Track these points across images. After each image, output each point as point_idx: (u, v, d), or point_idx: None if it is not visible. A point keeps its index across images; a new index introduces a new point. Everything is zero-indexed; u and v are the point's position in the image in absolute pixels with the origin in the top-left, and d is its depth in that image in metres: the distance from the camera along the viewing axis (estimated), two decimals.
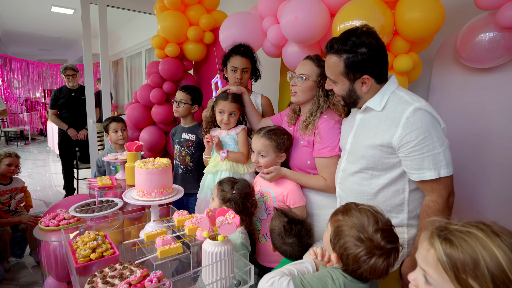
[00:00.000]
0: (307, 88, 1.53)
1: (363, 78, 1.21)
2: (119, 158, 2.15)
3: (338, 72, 1.24)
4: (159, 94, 2.82)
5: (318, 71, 1.52)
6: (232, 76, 1.96)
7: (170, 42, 2.75)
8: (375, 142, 1.20)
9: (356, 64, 1.18)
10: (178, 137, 2.31)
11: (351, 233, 0.89)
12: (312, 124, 1.51)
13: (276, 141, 1.55)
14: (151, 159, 1.54)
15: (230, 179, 1.49)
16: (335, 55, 1.22)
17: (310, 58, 1.56)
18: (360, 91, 1.25)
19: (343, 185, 1.36)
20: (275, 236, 1.25)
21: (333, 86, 1.31)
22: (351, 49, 1.18)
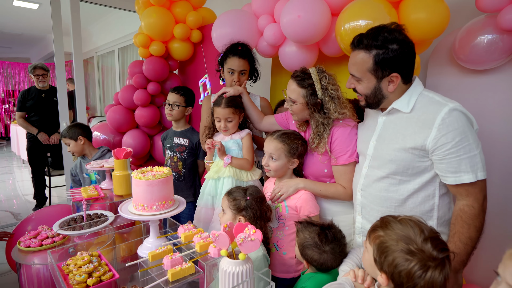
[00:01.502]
0: (299, 109, 1.45)
1: (392, 76, 1.15)
2: (104, 166, 1.97)
3: (366, 69, 1.17)
4: (143, 96, 2.65)
5: (302, 92, 1.42)
6: (229, 78, 1.86)
7: (155, 41, 2.59)
8: (406, 145, 1.15)
9: (386, 61, 1.13)
10: (170, 142, 2.16)
11: (399, 247, 0.82)
12: (322, 142, 1.43)
13: (290, 145, 1.46)
14: (148, 168, 1.40)
15: (239, 187, 1.39)
16: (364, 51, 1.16)
17: (293, 77, 1.46)
18: (386, 90, 1.20)
19: (366, 192, 1.30)
20: (310, 249, 1.16)
21: (355, 84, 1.24)
22: (382, 45, 1.12)
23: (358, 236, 1.36)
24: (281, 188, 1.47)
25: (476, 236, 1.09)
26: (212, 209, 1.68)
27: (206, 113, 1.99)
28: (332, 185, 1.46)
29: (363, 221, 1.33)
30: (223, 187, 1.63)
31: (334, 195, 1.45)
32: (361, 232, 1.35)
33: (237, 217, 1.32)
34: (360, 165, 1.37)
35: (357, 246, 1.37)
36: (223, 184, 1.64)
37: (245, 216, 1.30)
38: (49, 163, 3.87)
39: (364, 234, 1.33)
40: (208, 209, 1.68)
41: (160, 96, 2.77)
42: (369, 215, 1.29)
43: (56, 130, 3.74)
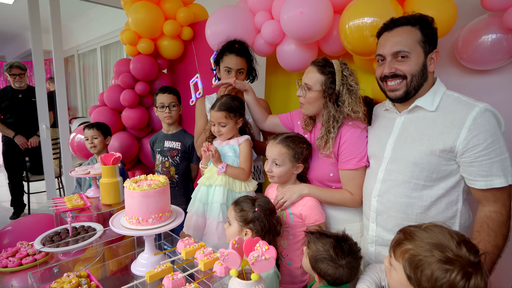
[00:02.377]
0: (312, 99, 1.37)
1: (434, 53, 1.13)
2: (91, 173, 1.82)
3: (415, 41, 1.11)
4: (131, 96, 2.49)
5: (322, 79, 1.34)
6: (225, 78, 1.75)
7: (143, 38, 2.44)
8: (434, 146, 1.09)
9: (431, 36, 1.11)
10: (160, 146, 2.03)
11: (435, 257, 0.73)
12: (329, 142, 1.35)
13: (294, 149, 1.37)
14: (142, 177, 1.28)
15: (247, 197, 1.28)
16: (408, 25, 1.13)
17: (314, 63, 1.39)
18: (428, 71, 1.14)
19: (383, 197, 1.22)
20: (324, 262, 1.06)
21: (400, 65, 1.13)
22: (425, 22, 1.11)
23: (370, 245, 1.29)
24: (284, 194, 1.38)
25: (503, 244, 1.04)
26: (204, 217, 1.56)
27: (200, 117, 1.87)
28: (338, 191, 1.38)
29: (378, 229, 1.25)
30: (214, 196, 1.52)
31: (340, 202, 1.37)
32: (374, 241, 1.27)
33: (243, 230, 1.21)
34: (373, 169, 1.29)
35: (370, 256, 1.30)
36: (214, 192, 1.52)
37: (252, 229, 1.20)
38: (27, 168, 3.63)
39: (379, 244, 1.26)
40: (198, 216, 1.57)
41: (148, 97, 2.63)
42: (386, 222, 1.22)
43: (34, 133, 3.51)
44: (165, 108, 1.98)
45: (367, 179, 1.33)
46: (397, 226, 1.18)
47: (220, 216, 1.48)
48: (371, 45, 1.55)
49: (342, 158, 1.36)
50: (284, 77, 2.45)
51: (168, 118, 2.00)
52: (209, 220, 1.53)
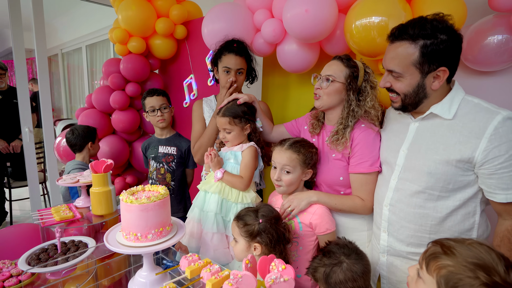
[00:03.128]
0: (334, 91, 1.31)
1: (439, 71, 1.02)
2: (80, 181, 1.69)
3: (409, 63, 1.03)
4: (122, 98, 2.37)
5: (347, 72, 1.31)
6: (224, 78, 1.65)
7: (134, 36, 2.32)
8: (450, 156, 1.02)
9: (435, 52, 1.00)
10: (154, 152, 1.92)
11: (479, 279, 0.66)
12: (345, 137, 1.29)
13: (305, 154, 1.30)
14: (139, 188, 1.17)
15: (248, 209, 1.19)
16: (408, 41, 1.02)
17: (339, 58, 1.34)
18: (429, 88, 1.06)
19: (395, 207, 1.16)
20: None
21: (393, 82, 1.10)
22: (431, 34, 0.99)
23: (382, 255, 1.22)
24: (292, 202, 1.30)
25: None
26: (199, 225, 1.46)
27: (197, 121, 1.77)
28: (348, 198, 1.31)
29: (389, 239, 1.19)
30: (209, 204, 1.42)
31: (351, 209, 1.31)
32: (386, 251, 1.21)
33: (251, 245, 1.12)
34: (385, 176, 1.23)
35: (381, 266, 1.23)
36: (209, 200, 1.43)
37: (260, 242, 1.11)
38: (9, 174, 3.43)
39: (391, 254, 1.19)
40: (195, 223, 1.47)
41: (139, 98, 2.50)
42: (399, 233, 1.15)
43: (16, 136, 3.32)
44: (157, 111, 1.87)
45: (379, 186, 1.26)
46: (410, 237, 1.12)
47: (214, 227, 1.39)
48: (379, 45, 1.49)
49: (354, 160, 1.29)
50: (282, 78, 2.37)
51: (162, 122, 1.89)
52: (203, 231, 1.44)
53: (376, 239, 1.26)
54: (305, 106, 2.31)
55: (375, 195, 1.28)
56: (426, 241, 1.10)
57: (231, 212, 1.41)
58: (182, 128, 2.77)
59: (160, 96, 1.90)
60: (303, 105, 2.33)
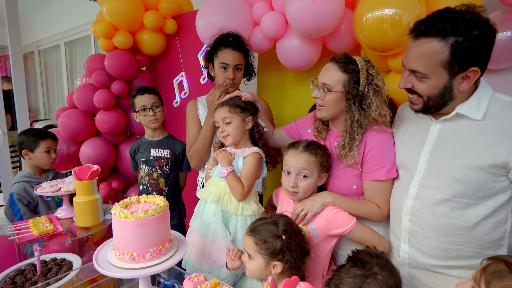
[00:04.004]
0: (333, 101, 1.18)
1: (470, 71, 0.91)
2: (61, 189, 1.52)
3: (437, 62, 0.91)
4: (107, 97, 2.18)
5: (345, 78, 1.15)
6: (221, 75, 1.51)
7: (120, 30, 2.14)
8: (482, 161, 0.93)
9: (467, 51, 0.88)
10: (145, 155, 1.76)
11: None
12: (353, 150, 1.17)
13: (322, 156, 1.18)
14: (134, 199, 1.02)
15: (264, 221, 1.05)
16: (437, 38, 0.90)
17: (335, 60, 1.19)
18: (456, 90, 0.95)
19: (417, 217, 1.06)
20: None
21: (415, 83, 0.98)
22: (464, 30, 0.87)
23: (402, 267, 1.12)
24: (304, 205, 1.18)
25: None
26: (202, 237, 1.31)
27: (192, 122, 1.62)
28: (364, 203, 1.21)
29: (411, 251, 1.09)
30: (208, 214, 1.29)
31: (366, 215, 1.20)
32: (407, 263, 1.11)
33: (271, 263, 1.00)
34: (403, 182, 1.13)
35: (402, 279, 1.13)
36: (208, 210, 1.29)
37: (282, 260, 0.98)
38: None
39: (413, 266, 1.10)
40: (197, 233, 1.32)
41: (126, 97, 2.32)
42: (422, 244, 1.05)
43: None
44: (148, 110, 1.71)
45: (396, 193, 1.16)
46: (435, 249, 1.03)
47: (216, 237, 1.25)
48: (390, 40, 1.40)
49: (368, 167, 1.19)
50: (279, 76, 2.26)
51: (154, 122, 1.73)
52: (208, 244, 1.29)
53: (395, 250, 1.16)
54: (303, 105, 2.21)
55: (392, 203, 1.18)
56: (453, 253, 1.01)
57: (230, 224, 1.28)
58: (172, 130, 2.59)
59: (152, 94, 1.75)
60: (301, 104, 2.22)
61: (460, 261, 1.01)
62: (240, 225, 1.27)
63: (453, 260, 1.01)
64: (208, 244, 1.28)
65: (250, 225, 1.06)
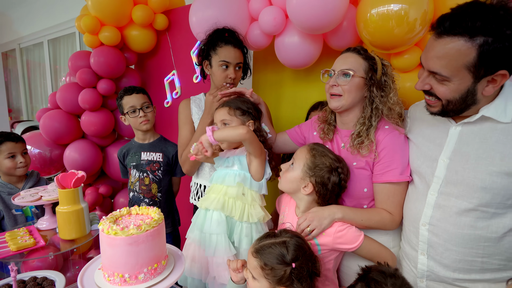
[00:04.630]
0: (355, 87, 1.12)
1: (497, 75, 0.84)
2: (43, 198, 1.39)
3: (462, 65, 0.83)
4: (93, 97, 2.05)
5: (366, 65, 1.12)
6: (221, 74, 1.41)
7: (107, 25, 2.01)
8: (510, 167, 0.86)
9: (496, 52, 0.79)
10: (135, 159, 1.64)
11: None
12: (370, 138, 1.11)
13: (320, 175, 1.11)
14: (124, 211, 0.91)
15: (271, 241, 0.93)
16: (463, 38, 0.81)
17: (354, 49, 1.16)
18: (480, 94, 0.88)
19: (438, 227, 0.98)
20: None
21: (435, 85, 0.91)
22: (496, 29, 0.78)
23: (420, 280, 1.05)
24: (311, 221, 1.08)
25: None
26: (199, 248, 1.20)
27: (185, 124, 1.50)
28: (375, 212, 1.13)
29: (430, 263, 1.01)
30: (211, 224, 1.17)
31: (378, 225, 1.12)
32: (425, 276, 1.03)
33: None
34: (419, 189, 1.05)
35: None
36: (211, 219, 1.17)
37: (288, 286, 0.88)
38: None
39: (432, 279, 1.02)
40: (196, 246, 1.22)
41: (113, 97, 2.19)
42: (443, 257, 0.98)
43: None
44: (138, 111, 1.59)
45: (411, 201, 1.08)
46: (458, 262, 0.96)
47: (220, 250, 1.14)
48: (396, 37, 1.33)
49: (381, 168, 1.11)
50: (275, 75, 2.18)
51: (145, 123, 1.61)
52: (209, 258, 1.18)
53: (410, 261, 1.08)
54: (300, 105, 2.13)
55: (407, 210, 1.10)
56: (478, 266, 0.94)
57: (234, 232, 1.18)
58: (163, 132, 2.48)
59: (141, 94, 1.63)
60: (298, 104, 2.15)
61: (485, 275, 0.94)
62: (245, 234, 1.17)
63: (477, 274, 0.94)
64: (209, 258, 1.17)
65: (255, 242, 0.96)
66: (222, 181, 1.20)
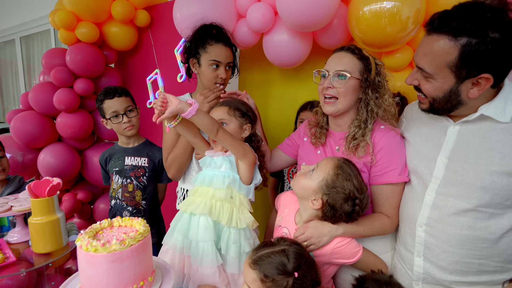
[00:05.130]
0: (351, 89, 1.08)
1: (480, 78, 0.83)
2: (13, 209, 1.26)
3: (444, 63, 0.83)
4: (69, 97, 1.92)
5: (361, 65, 1.07)
6: (211, 74, 1.33)
7: (85, 21, 1.89)
8: (510, 167, 0.84)
9: (479, 55, 0.79)
10: (118, 164, 1.53)
11: None
12: (365, 140, 1.07)
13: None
14: (104, 223, 0.83)
15: (269, 250, 0.86)
16: (447, 36, 0.81)
17: (348, 49, 1.10)
18: (465, 95, 0.87)
19: (435, 228, 0.95)
20: None
21: (422, 81, 0.91)
22: (479, 31, 0.77)
23: (416, 283, 1.02)
24: (310, 237, 1.01)
25: None
26: (182, 255, 1.12)
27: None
28: (375, 218, 1.08)
29: (426, 265, 0.99)
30: (198, 230, 1.08)
31: (380, 231, 1.08)
32: (422, 278, 1.00)
33: None
34: (416, 189, 1.02)
35: None
36: (197, 225, 1.08)
37: None
38: None
39: (428, 282, 0.99)
40: (176, 253, 1.13)
41: (92, 98, 2.07)
42: (439, 259, 0.95)
43: None
44: (122, 116, 1.48)
45: (408, 201, 1.06)
46: (455, 264, 0.93)
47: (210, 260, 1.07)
48: (389, 35, 1.31)
49: (379, 169, 1.07)
50: (262, 74, 2.12)
51: (130, 128, 1.51)
52: (194, 266, 1.10)
53: (406, 264, 1.06)
54: (288, 105, 2.08)
55: (403, 211, 1.07)
56: (475, 268, 0.92)
57: (221, 239, 1.10)
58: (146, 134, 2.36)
59: (123, 97, 1.51)
60: (286, 104, 2.10)
61: (482, 277, 0.92)
62: (233, 241, 1.09)
63: (474, 276, 0.92)
64: (193, 266, 1.09)
65: (252, 253, 0.89)
66: (209, 183, 1.11)
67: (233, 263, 1.05)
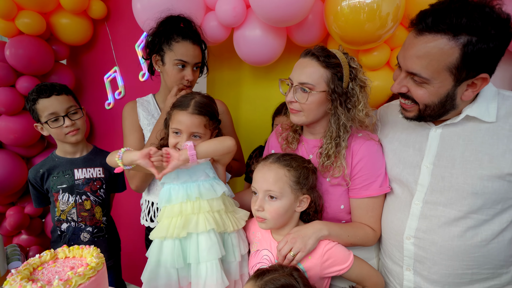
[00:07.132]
0: (315, 103, 0.96)
1: (478, 79, 0.77)
2: None
3: (444, 66, 0.76)
4: (10, 97, 1.67)
5: (328, 74, 0.96)
6: (177, 75, 1.18)
7: (27, 10, 1.64)
8: (502, 170, 0.80)
9: (481, 54, 0.73)
10: (65, 180, 1.29)
11: None
12: (340, 159, 0.98)
13: (298, 170, 0.94)
14: (46, 256, 0.66)
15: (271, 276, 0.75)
16: (446, 36, 0.74)
17: (313, 55, 0.97)
18: (459, 99, 0.81)
19: (424, 240, 0.90)
20: None
21: (412, 87, 0.83)
22: (482, 27, 0.71)
23: None
24: (294, 243, 0.91)
25: None
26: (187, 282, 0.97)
27: (131, 131, 1.24)
28: (359, 227, 1.01)
29: (416, 279, 0.93)
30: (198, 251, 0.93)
31: (363, 241, 1.01)
32: None
33: None
34: (400, 199, 0.96)
35: None
36: (197, 245, 0.94)
37: None
38: None
39: None
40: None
41: None
42: (431, 272, 0.90)
43: None
44: (62, 119, 1.24)
45: (392, 212, 0.99)
46: (447, 277, 0.89)
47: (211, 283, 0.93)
48: (367, 32, 1.25)
49: (359, 182, 0.99)
50: (233, 73, 2.01)
51: (74, 133, 1.27)
52: None
53: (394, 278, 0.99)
54: (261, 105, 1.98)
55: (387, 223, 1.00)
56: (467, 278, 0.88)
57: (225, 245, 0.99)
58: (103, 140, 2.15)
59: (63, 95, 1.26)
60: (259, 104, 2.00)
61: (474, 286, 0.88)
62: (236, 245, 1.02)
63: (467, 286, 0.88)
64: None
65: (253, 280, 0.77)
66: (199, 196, 0.96)
67: (234, 269, 1.00)
